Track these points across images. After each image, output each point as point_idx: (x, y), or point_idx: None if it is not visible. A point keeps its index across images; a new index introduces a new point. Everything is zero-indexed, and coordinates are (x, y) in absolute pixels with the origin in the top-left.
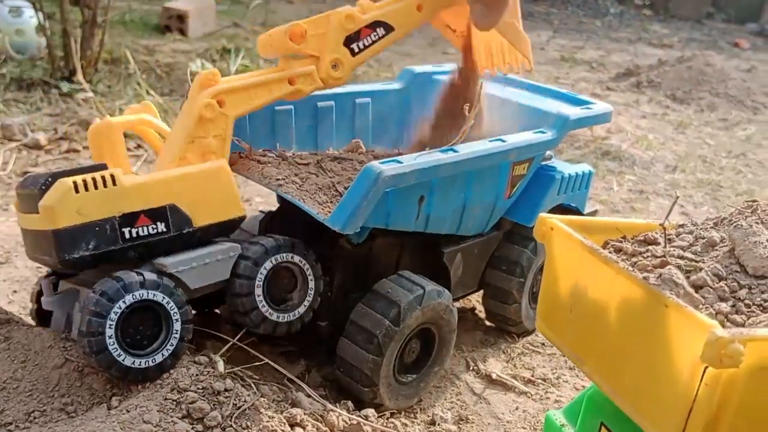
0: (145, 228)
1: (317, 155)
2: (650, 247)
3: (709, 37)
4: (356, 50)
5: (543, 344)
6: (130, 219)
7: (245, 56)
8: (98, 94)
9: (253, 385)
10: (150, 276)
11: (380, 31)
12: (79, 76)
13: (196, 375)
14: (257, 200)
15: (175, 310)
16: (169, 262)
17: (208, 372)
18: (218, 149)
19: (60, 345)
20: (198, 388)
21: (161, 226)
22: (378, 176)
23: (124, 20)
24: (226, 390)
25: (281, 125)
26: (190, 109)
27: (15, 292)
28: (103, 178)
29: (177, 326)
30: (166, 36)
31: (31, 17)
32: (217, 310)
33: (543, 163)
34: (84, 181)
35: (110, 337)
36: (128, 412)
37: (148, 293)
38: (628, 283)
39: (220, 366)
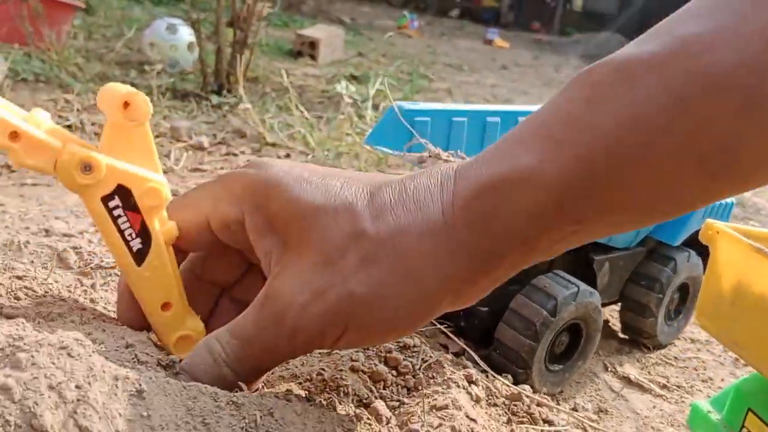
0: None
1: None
2: None
3: None
4: None
5: (676, 358)
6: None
7: (381, 82)
8: (254, 106)
9: (432, 348)
10: None
11: None
12: (237, 89)
13: None
14: None
15: None
16: None
17: None
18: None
19: None
20: (393, 342)
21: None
22: None
23: (260, 44)
24: (415, 346)
25: (455, 134)
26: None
27: None
28: None
29: None
30: (298, 60)
31: (189, 35)
32: None
33: None
34: None
35: None
36: (334, 353)
37: None
38: None
39: None
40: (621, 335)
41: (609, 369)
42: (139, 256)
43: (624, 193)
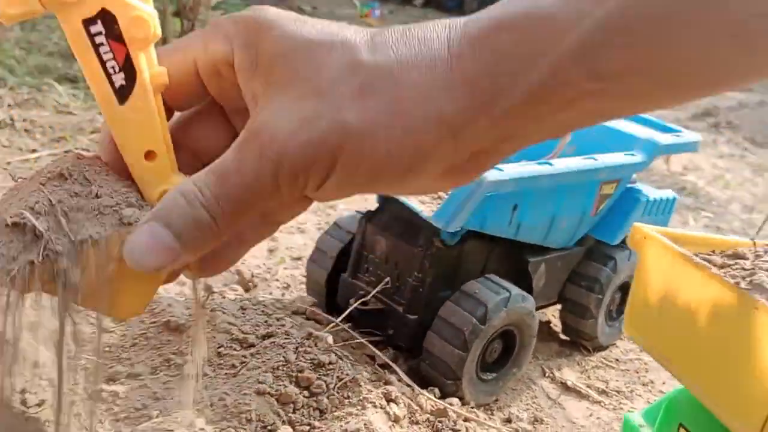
0: None
1: None
2: (739, 261)
3: None
4: None
5: (617, 360)
6: None
7: None
8: None
9: (350, 364)
10: None
11: None
12: None
13: (304, 348)
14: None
15: None
16: None
17: (314, 346)
18: None
19: (180, 309)
20: (306, 359)
21: None
22: (481, 180)
23: None
24: (330, 363)
25: None
26: None
27: None
28: None
29: None
30: None
31: None
32: (310, 297)
33: (629, 185)
34: None
35: None
36: (242, 374)
37: None
38: (719, 287)
39: (329, 339)
40: (562, 336)
41: (547, 374)
42: (122, 94)
43: (647, 51)
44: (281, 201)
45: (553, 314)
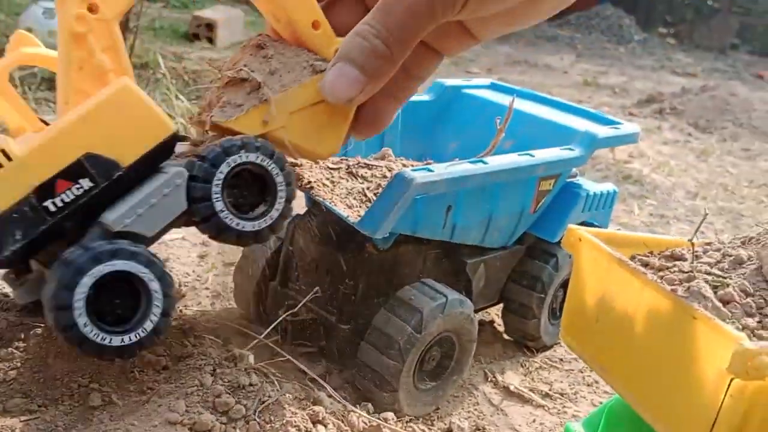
0: (68, 192)
1: (347, 160)
2: (677, 263)
3: (732, 68)
4: None
5: (561, 360)
6: (46, 190)
7: None
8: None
9: (276, 382)
10: (120, 244)
11: None
12: None
13: (222, 369)
14: None
15: (154, 281)
16: (111, 219)
17: (233, 366)
18: (115, 65)
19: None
20: (223, 382)
21: (86, 183)
22: (409, 183)
23: (153, 27)
24: (250, 384)
25: None
26: (60, 31)
27: None
28: None
29: (158, 299)
30: (195, 44)
31: None
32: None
33: (569, 180)
34: None
35: (79, 312)
36: (152, 401)
37: (120, 263)
38: (656, 295)
39: (251, 359)
40: (506, 336)
41: (490, 378)
42: None
43: None
44: (437, 23)
45: (496, 313)
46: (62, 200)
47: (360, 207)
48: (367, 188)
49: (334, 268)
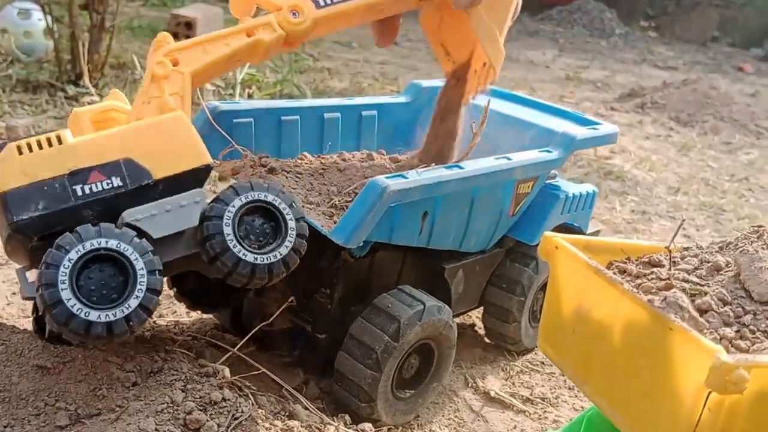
0: (98, 184)
1: (322, 162)
2: (655, 270)
3: (713, 61)
4: (321, 3)
5: (542, 363)
6: (81, 176)
7: (251, 65)
8: (104, 98)
9: (250, 395)
10: (107, 225)
11: None
12: (86, 80)
13: (193, 384)
14: None
15: (138, 258)
16: (127, 212)
17: (205, 381)
18: (177, 107)
19: (50, 349)
20: (195, 398)
21: (116, 181)
22: (383, 191)
23: (131, 26)
24: (223, 400)
25: (287, 135)
26: (147, 67)
27: (14, 294)
28: (48, 139)
29: (142, 276)
30: None
31: (39, 20)
32: (213, 317)
33: (547, 181)
34: (28, 144)
35: (64, 288)
36: (121, 420)
37: (104, 241)
38: (633, 305)
39: (226, 372)
40: (487, 340)
41: (470, 384)
42: None
43: None
44: None
45: (477, 317)
46: (90, 189)
47: (335, 215)
48: (340, 194)
49: (310, 277)
